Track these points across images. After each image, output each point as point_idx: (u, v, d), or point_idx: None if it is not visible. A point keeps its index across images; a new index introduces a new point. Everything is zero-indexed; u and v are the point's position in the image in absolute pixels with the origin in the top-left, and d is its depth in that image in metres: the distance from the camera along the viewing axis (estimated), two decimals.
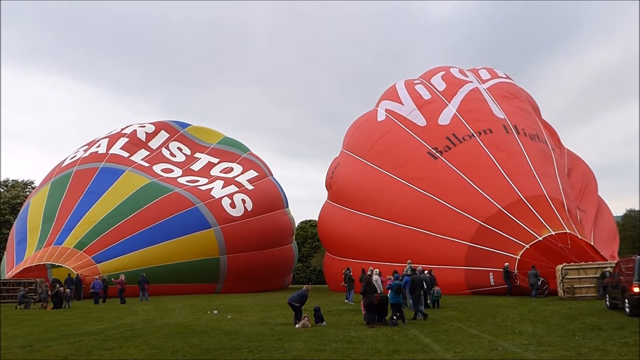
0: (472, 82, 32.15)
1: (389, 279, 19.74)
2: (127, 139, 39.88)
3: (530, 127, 29.17)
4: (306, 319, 14.88)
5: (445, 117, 29.57)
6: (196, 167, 40.57)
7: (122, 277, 27.83)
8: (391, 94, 33.57)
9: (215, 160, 41.76)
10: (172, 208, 34.01)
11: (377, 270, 21.43)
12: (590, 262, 21.82)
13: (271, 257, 39.11)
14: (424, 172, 27.80)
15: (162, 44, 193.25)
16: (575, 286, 21.04)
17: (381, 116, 32.39)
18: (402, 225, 27.28)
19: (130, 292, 27.83)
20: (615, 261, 19.98)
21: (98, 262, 30.33)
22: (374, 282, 19.02)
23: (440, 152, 27.96)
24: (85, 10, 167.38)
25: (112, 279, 28.68)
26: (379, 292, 17.83)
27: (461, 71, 33.51)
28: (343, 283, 24.87)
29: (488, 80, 33.11)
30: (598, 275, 20.64)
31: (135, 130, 41.19)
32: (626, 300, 14.93)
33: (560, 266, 21.73)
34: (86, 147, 40.44)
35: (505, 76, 34.21)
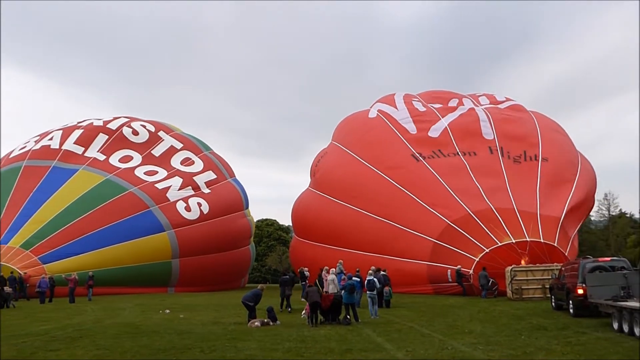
0: (467, 106, 33.82)
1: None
2: (82, 130, 38.40)
3: (518, 148, 29.98)
4: (261, 320, 14.80)
5: (435, 130, 30.97)
6: (157, 151, 39.08)
7: (75, 275, 27.04)
8: (388, 100, 35.16)
9: (179, 146, 40.37)
10: (126, 210, 33.04)
11: (334, 269, 21.38)
12: (537, 264, 22.54)
13: (227, 260, 38.45)
14: (404, 169, 28.89)
15: (118, 39, 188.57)
16: (523, 287, 21.69)
17: (373, 114, 33.76)
18: (376, 216, 28.01)
19: (80, 292, 27.04)
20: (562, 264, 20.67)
21: (45, 263, 29.13)
22: (330, 280, 19.21)
23: (424, 158, 29.17)
24: (41, 2, 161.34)
25: (64, 276, 27.72)
26: (337, 290, 17.97)
27: (459, 104, 34.73)
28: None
29: (487, 104, 34.77)
30: (545, 277, 21.30)
31: (92, 122, 39.86)
32: (570, 302, 15.51)
33: (509, 268, 22.36)
34: (38, 137, 38.87)
35: (505, 99, 35.83)
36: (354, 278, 18.29)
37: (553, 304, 17.64)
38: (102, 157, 36.77)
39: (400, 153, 29.88)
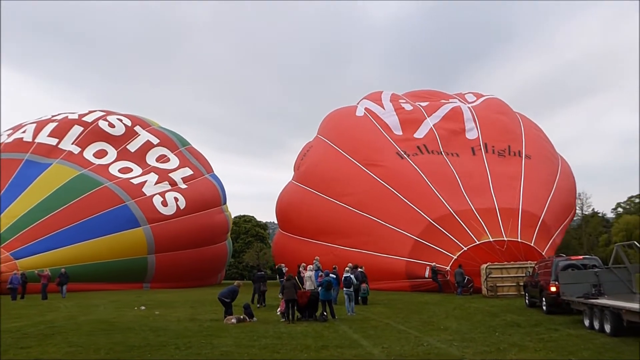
0: (454, 103, 34.10)
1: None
2: (57, 124, 37.68)
3: (502, 142, 30.40)
4: (238, 317, 14.72)
5: (421, 132, 31.22)
6: (133, 146, 38.52)
7: (47, 271, 26.53)
8: (374, 97, 35.40)
9: (155, 141, 39.88)
10: (101, 205, 32.55)
11: (312, 266, 21.43)
12: (512, 262, 22.87)
13: (203, 256, 38.19)
14: (389, 166, 29.17)
15: (98, 34, 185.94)
16: (498, 285, 21.97)
17: (360, 112, 33.90)
18: (359, 212, 28.22)
19: (53, 288, 26.56)
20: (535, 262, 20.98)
21: (17, 259, 28.57)
22: (307, 277, 19.22)
23: (409, 155, 29.44)
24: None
25: (36, 272, 27.18)
26: (314, 287, 17.98)
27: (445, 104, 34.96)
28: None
29: (473, 101, 35.20)
30: (519, 275, 21.61)
31: (67, 116, 39.13)
32: (544, 299, 15.76)
33: (484, 265, 22.64)
34: (11, 131, 38.04)
35: (490, 96, 36.42)
36: (330, 275, 18.30)
37: (527, 301, 17.89)
38: (76, 150, 36.17)
39: (385, 150, 30.18)
